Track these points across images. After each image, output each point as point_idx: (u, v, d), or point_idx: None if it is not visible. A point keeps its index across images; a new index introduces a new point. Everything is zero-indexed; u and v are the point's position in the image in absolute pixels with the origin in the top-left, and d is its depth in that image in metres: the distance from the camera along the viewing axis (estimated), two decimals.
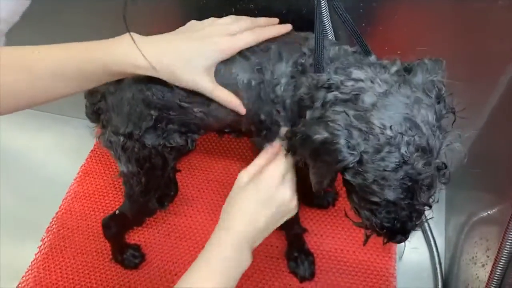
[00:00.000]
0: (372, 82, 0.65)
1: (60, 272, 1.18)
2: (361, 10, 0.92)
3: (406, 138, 0.60)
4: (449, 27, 0.92)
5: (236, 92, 0.80)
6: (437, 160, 0.63)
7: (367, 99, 0.63)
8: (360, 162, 0.62)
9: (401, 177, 0.61)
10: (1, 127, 1.37)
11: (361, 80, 0.66)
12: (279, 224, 0.74)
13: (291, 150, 0.72)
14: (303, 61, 0.77)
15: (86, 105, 0.90)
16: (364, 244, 0.75)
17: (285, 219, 0.74)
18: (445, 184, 0.66)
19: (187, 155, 1.25)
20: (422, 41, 0.94)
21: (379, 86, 0.64)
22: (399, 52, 0.93)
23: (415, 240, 1.18)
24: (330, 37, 0.89)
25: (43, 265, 1.20)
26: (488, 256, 0.89)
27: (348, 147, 0.61)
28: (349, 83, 0.66)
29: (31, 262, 1.21)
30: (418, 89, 0.64)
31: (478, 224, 1.03)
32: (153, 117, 0.84)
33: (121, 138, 0.86)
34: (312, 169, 0.68)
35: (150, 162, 0.90)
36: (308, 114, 0.70)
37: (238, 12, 0.96)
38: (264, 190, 0.72)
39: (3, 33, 0.60)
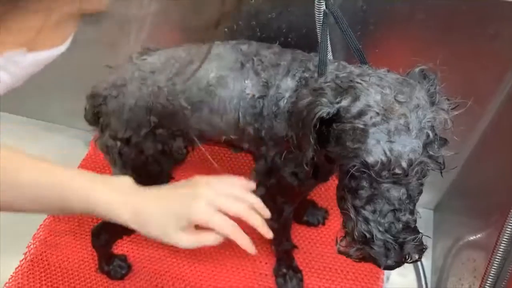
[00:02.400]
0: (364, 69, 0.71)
1: (45, 280, 1.16)
2: (358, 32, 0.95)
3: (387, 97, 0.62)
4: (438, 54, 0.96)
5: (236, 110, 0.83)
6: (425, 131, 0.61)
7: (356, 70, 0.69)
8: (338, 119, 0.64)
9: (376, 132, 0.60)
10: None
11: (355, 71, 0.70)
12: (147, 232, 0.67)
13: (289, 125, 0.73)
14: (307, 75, 0.81)
15: (85, 107, 0.91)
16: (337, 251, 0.68)
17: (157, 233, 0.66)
18: (439, 165, 0.63)
19: (181, 164, 1.25)
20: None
21: (370, 70, 0.69)
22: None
23: None
24: (329, 57, 0.92)
25: (27, 272, 1.18)
26: (475, 277, 0.90)
27: (327, 104, 0.64)
28: (344, 74, 0.70)
29: (15, 269, 1.19)
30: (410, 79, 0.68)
31: (465, 247, 1.05)
32: (153, 123, 0.85)
33: (119, 143, 0.87)
34: (297, 144, 0.70)
35: (146, 169, 0.90)
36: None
37: (240, 28, 0.99)
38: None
39: None
